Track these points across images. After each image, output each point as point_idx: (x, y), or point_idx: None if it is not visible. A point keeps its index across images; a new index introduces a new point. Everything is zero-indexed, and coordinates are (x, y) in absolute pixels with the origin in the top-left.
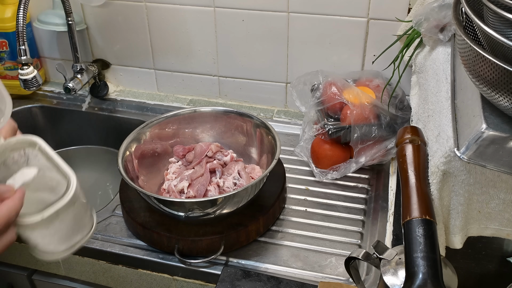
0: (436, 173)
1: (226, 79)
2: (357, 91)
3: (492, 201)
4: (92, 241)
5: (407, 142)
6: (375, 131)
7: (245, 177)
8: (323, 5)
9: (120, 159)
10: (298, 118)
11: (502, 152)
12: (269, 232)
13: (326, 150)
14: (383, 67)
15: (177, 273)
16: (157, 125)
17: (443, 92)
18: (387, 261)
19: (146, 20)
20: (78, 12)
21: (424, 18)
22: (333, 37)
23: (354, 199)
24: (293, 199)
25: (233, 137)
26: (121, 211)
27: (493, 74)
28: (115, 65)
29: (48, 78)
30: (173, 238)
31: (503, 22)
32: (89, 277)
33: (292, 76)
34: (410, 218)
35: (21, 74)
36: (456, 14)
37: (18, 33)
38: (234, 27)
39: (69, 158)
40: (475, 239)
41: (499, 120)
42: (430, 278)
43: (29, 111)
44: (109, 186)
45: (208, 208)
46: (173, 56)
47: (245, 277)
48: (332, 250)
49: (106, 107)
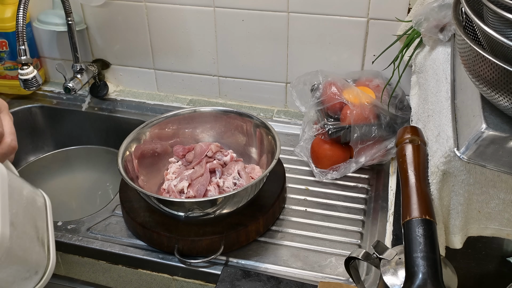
0: (436, 173)
1: (226, 79)
2: (357, 91)
3: (492, 201)
4: (92, 241)
5: (407, 142)
6: (375, 131)
7: (245, 177)
8: (323, 5)
9: (120, 159)
10: (298, 118)
11: (502, 152)
12: (269, 232)
13: (326, 150)
14: (383, 67)
15: (177, 273)
16: (157, 125)
17: (443, 92)
18: (387, 261)
19: (146, 20)
20: (78, 12)
21: (424, 18)
22: (333, 37)
23: (354, 199)
24: (293, 199)
25: (233, 137)
26: (121, 211)
27: (493, 74)
28: (115, 65)
29: (48, 78)
30: (173, 238)
31: (503, 22)
32: (88, 277)
33: (292, 76)
34: (410, 218)
35: (21, 74)
36: (456, 14)
37: (18, 33)
38: (234, 27)
39: (69, 158)
40: (475, 239)
41: (499, 120)
42: (430, 278)
43: (29, 111)
44: (109, 186)
45: (208, 208)
46: (173, 56)
47: (245, 277)
48: (332, 250)
49: (106, 107)
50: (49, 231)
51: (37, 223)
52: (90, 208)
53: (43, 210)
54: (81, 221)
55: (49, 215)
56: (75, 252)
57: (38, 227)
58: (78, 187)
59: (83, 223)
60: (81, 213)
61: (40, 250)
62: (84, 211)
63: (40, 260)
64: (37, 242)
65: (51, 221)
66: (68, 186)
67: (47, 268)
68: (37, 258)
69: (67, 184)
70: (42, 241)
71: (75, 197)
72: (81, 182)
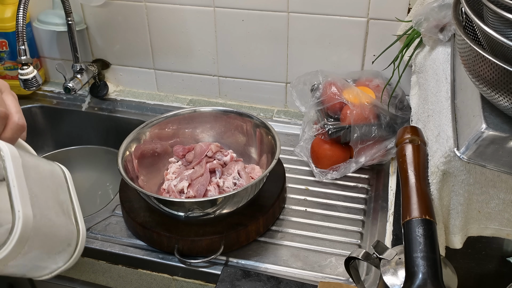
0: (436, 173)
1: (226, 79)
2: (357, 91)
3: (492, 201)
4: (92, 241)
5: (407, 142)
6: (375, 131)
7: (245, 177)
8: (323, 5)
9: (120, 159)
10: (298, 118)
11: (502, 152)
12: (269, 232)
13: (326, 150)
14: (383, 67)
15: (177, 273)
16: (157, 125)
17: (443, 92)
18: (387, 261)
19: (146, 20)
20: (78, 12)
21: (424, 18)
22: (333, 37)
23: (354, 199)
24: (293, 199)
25: (233, 137)
26: (121, 211)
27: (493, 74)
28: (115, 65)
29: (48, 78)
30: (173, 238)
31: (503, 22)
32: (88, 277)
33: (292, 76)
34: (410, 218)
35: (21, 74)
36: (456, 14)
37: (18, 33)
38: (234, 27)
39: (69, 158)
40: (475, 239)
41: (499, 120)
42: (430, 278)
43: (29, 111)
44: (109, 186)
45: (208, 208)
46: (173, 56)
47: (245, 277)
48: (332, 250)
49: (106, 107)
50: (74, 202)
51: (60, 196)
52: (90, 208)
53: (64, 183)
54: None
55: (71, 187)
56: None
57: (61, 200)
58: (78, 187)
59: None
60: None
61: (68, 222)
62: (84, 211)
63: (70, 232)
64: (63, 216)
65: (73, 192)
66: None
67: (79, 238)
68: (66, 231)
69: None
70: (68, 213)
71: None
72: (81, 182)
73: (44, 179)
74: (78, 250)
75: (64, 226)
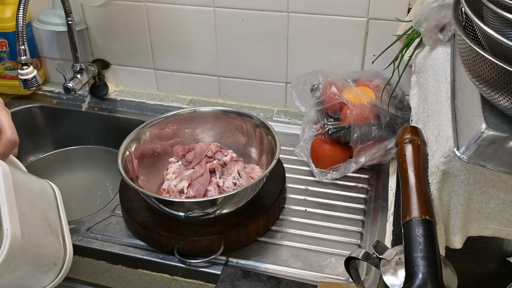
0: (436, 173)
1: (226, 79)
2: (357, 91)
3: (492, 201)
4: (92, 241)
5: (407, 142)
6: (375, 131)
7: (245, 177)
8: (323, 5)
9: (120, 159)
10: (298, 118)
11: (502, 152)
12: (269, 232)
13: (326, 150)
14: (383, 67)
15: (177, 273)
16: (157, 125)
17: (443, 92)
18: (387, 261)
19: (146, 20)
20: (78, 12)
21: (424, 18)
22: (333, 37)
23: (354, 199)
24: (293, 199)
25: (233, 137)
26: (121, 211)
27: (493, 74)
28: (115, 65)
29: (48, 78)
30: (173, 238)
31: (503, 22)
32: (88, 277)
33: (292, 76)
34: (410, 218)
35: (21, 74)
36: (456, 14)
37: (18, 33)
38: (234, 27)
39: (69, 158)
40: (475, 239)
41: (499, 120)
42: (430, 278)
43: (28, 111)
44: (109, 186)
45: (208, 208)
46: (173, 56)
47: (245, 277)
48: (332, 250)
49: (106, 107)
50: (62, 221)
51: (48, 215)
52: (90, 208)
53: (53, 201)
54: (81, 221)
55: (60, 205)
56: (75, 252)
57: (50, 219)
58: (78, 187)
59: (83, 223)
60: (81, 213)
61: (55, 241)
62: (84, 211)
63: (57, 252)
64: (51, 234)
65: (62, 210)
66: (68, 186)
67: (65, 258)
68: (53, 250)
69: (67, 184)
70: (56, 232)
71: (75, 197)
72: (81, 182)
73: (33, 197)
74: (64, 270)
75: (51, 245)
